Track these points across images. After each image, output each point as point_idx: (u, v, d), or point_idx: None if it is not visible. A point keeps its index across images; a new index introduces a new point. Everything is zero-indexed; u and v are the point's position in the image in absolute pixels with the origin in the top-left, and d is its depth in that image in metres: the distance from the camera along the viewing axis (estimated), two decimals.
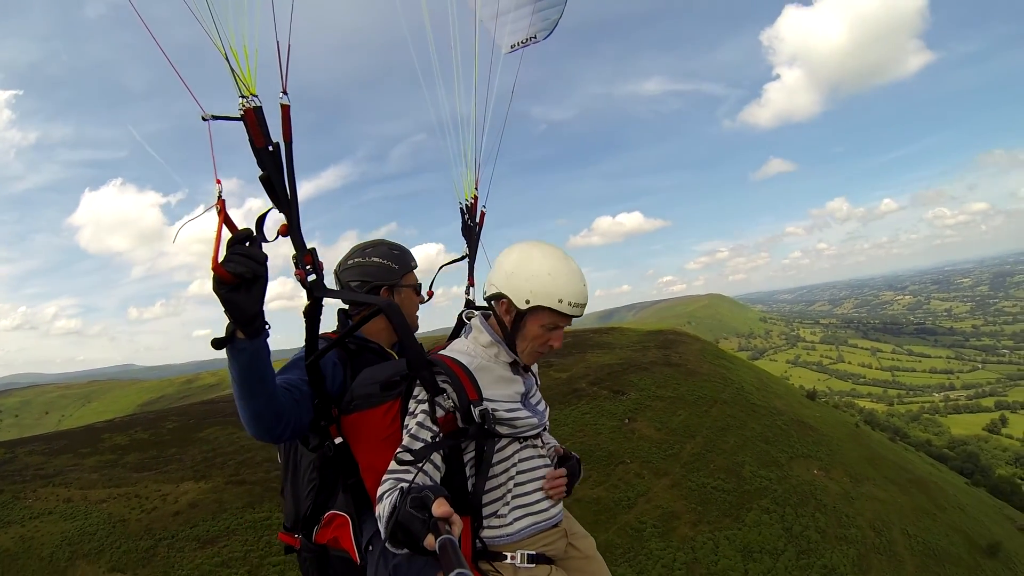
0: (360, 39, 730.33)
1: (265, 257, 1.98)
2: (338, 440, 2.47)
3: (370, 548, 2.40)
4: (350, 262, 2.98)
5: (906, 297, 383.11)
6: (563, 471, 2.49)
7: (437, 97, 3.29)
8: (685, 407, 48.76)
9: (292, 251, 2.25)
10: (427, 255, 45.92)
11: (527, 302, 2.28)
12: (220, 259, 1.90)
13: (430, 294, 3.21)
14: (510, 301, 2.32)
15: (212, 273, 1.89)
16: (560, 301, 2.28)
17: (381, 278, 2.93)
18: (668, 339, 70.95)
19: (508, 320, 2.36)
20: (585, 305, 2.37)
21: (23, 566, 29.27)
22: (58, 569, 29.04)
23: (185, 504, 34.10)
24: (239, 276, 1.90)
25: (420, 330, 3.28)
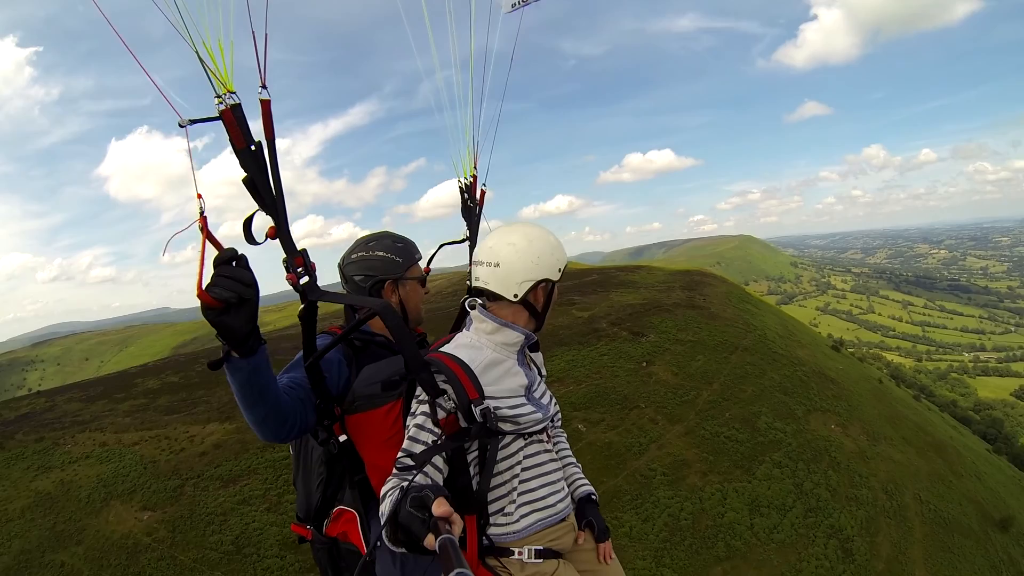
0: None
1: (252, 278, 1.92)
2: (343, 438, 2.48)
3: (379, 544, 2.19)
4: (353, 256, 2.93)
5: (941, 251, 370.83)
6: (610, 546, 2.56)
7: (431, 66, 3.21)
8: (705, 352, 48.06)
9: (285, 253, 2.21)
10: (454, 189, 43.92)
11: (559, 271, 2.41)
12: (205, 283, 1.86)
13: (427, 271, 3.14)
14: (548, 281, 2.40)
15: (198, 300, 1.84)
16: (565, 255, 2.46)
17: (385, 272, 2.88)
18: (694, 280, 69.60)
19: (543, 300, 2.44)
20: None
21: (63, 507, 31.05)
22: (94, 509, 30.76)
23: (210, 445, 35.70)
24: (225, 301, 1.86)
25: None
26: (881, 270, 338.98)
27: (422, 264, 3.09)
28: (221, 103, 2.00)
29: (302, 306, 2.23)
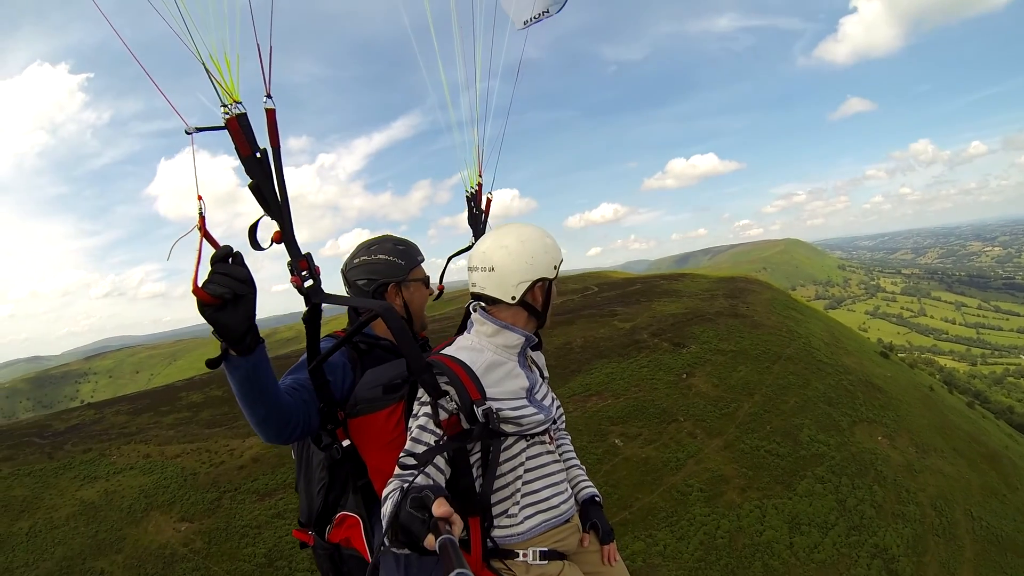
0: None
1: (248, 275, 1.97)
2: (346, 443, 2.49)
3: (383, 547, 2.30)
4: (356, 261, 2.97)
5: (995, 248, 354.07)
6: (614, 548, 2.63)
7: (437, 76, 3.27)
8: (746, 362, 47.26)
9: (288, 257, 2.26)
10: (502, 200, 46.04)
11: (555, 268, 2.47)
12: (202, 280, 1.91)
13: (440, 288, 3.22)
14: (544, 280, 2.44)
15: (194, 296, 1.88)
16: (560, 251, 2.50)
17: (387, 275, 2.92)
18: (738, 287, 68.58)
19: (541, 299, 2.47)
20: None
21: (105, 516, 32.55)
22: (135, 519, 32.12)
23: (248, 459, 36.82)
24: (220, 297, 1.91)
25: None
26: (932, 270, 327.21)
27: (435, 281, 3.17)
28: (227, 113, 2.09)
29: (306, 309, 2.30)
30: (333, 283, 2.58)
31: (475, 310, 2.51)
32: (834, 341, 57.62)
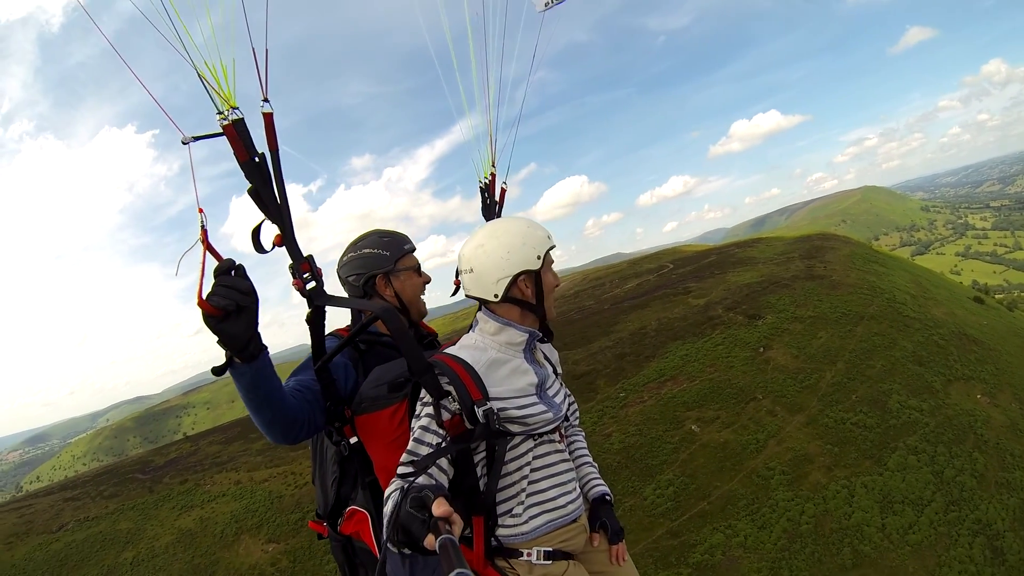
0: None
1: (250, 286, 2.02)
2: (353, 440, 2.55)
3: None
4: (345, 258, 3.03)
5: None
6: (623, 548, 2.58)
7: (448, 61, 3.31)
8: (826, 327, 45.12)
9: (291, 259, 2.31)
10: (572, 188, 42.70)
11: (538, 257, 2.38)
12: (205, 292, 1.97)
13: (457, 284, 3.06)
14: (527, 272, 2.39)
15: (199, 309, 1.94)
16: (548, 238, 2.44)
17: (375, 267, 2.95)
18: (815, 246, 65.17)
19: (530, 292, 2.42)
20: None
21: (200, 542, 34.80)
22: (227, 543, 34.18)
23: None
24: (224, 309, 1.96)
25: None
26: None
27: (451, 267, 3.18)
28: (224, 119, 2.13)
29: (309, 311, 2.40)
30: (334, 284, 2.78)
31: (480, 308, 2.52)
32: (922, 292, 54.11)
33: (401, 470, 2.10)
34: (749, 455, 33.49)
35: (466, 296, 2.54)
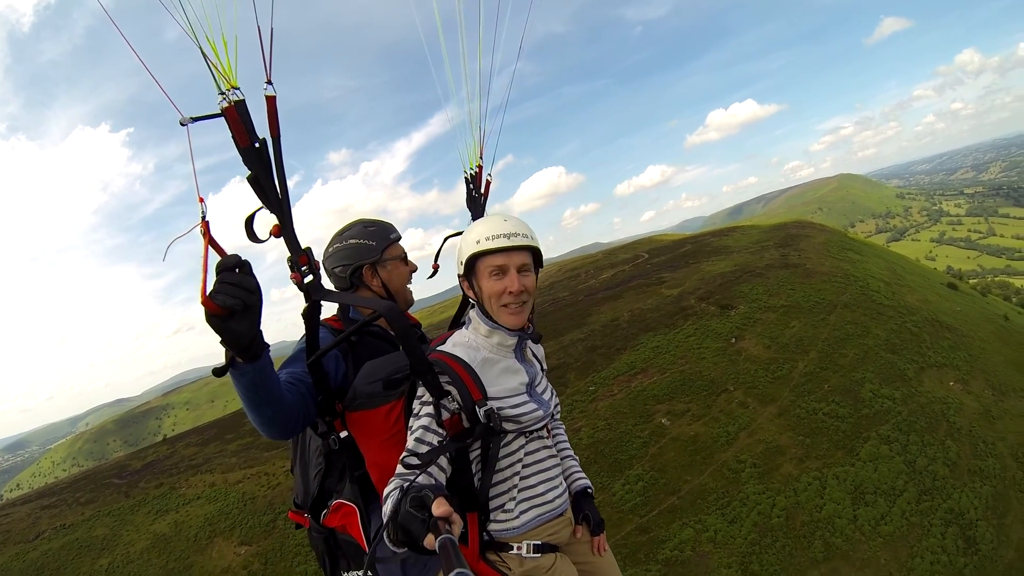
0: None
1: (257, 285, 1.92)
2: (343, 434, 2.51)
3: (380, 541, 2.14)
4: (330, 249, 2.95)
5: None
6: (604, 539, 2.61)
7: (438, 51, 3.19)
8: (800, 317, 44.53)
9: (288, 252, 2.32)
10: (550, 179, 42.55)
11: (461, 263, 2.36)
12: (208, 290, 1.86)
13: (435, 267, 3.21)
14: (461, 276, 2.41)
15: (202, 307, 1.85)
16: (478, 242, 2.30)
17: (360, 257, 2.88)
18: (790, 234, 64.85)
19: (473, 295, 2.40)
20: (512, 234, 2.29)
21: (174, 547, 34.39)
22: (201, 547, 33.75)
23: None
24: (230, 309, 1.87)
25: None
26: (997, 186, 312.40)
27: (429, 261, 3.21)
28: (224, 100, 1.99)
29: (306, 305, 2.30)
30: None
31: (471, 307, 2.48)
32: (895, 279, 53.84)
33: (400, 469, 2.06)
34: (720, 448, 32.69)
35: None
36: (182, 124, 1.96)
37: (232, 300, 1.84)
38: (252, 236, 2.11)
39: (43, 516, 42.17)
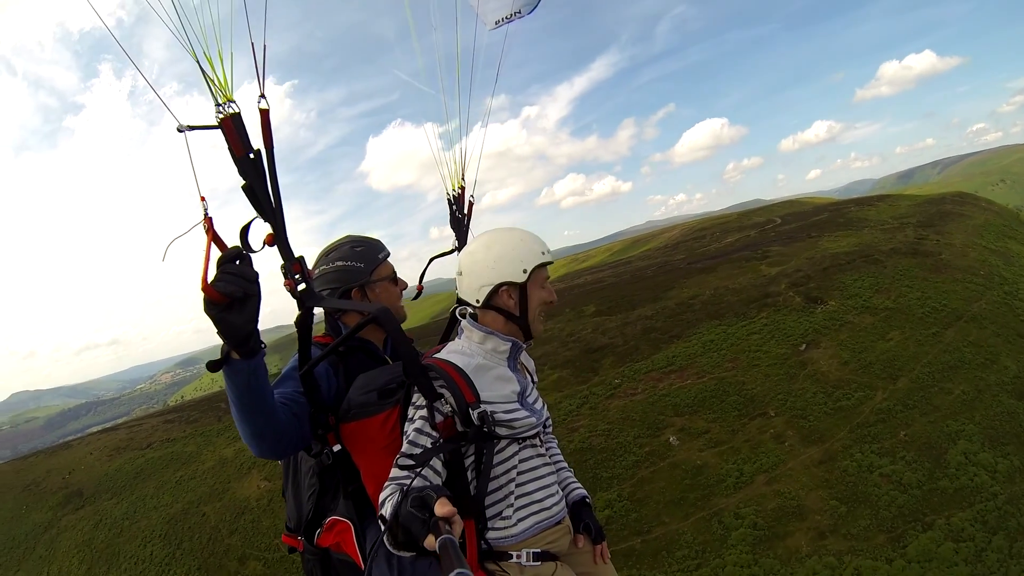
0: None
1: (256, 275, 1.97)
2: (336, 448, 2.50)
3: (376, 552, 2.34)
4: (316, 272, 2.95)
5: None
6: (606, 547, 2.67)
7: (420, 82, 3.86)
8: (904, 326, 34.06)
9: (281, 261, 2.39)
10: (712, 129, 37.63)
11: (524, 271, 2.41)
12: (209, 279, 1.90)
13: (419, 289, 3.30)
14: (510, 283, 2.42)
15: (202, 294, 1.89)
16: (543, 253, 2.46)
17: (348, 281, 2.89)
18: (942, 211, 51.02)
19: (513, 303, 2.44)
20: (548, 250, 2.52)
21: (227, 470, 37.46)
22: (241, 476, 36.27)
23: None
24: (229, 296, 1.90)
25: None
26: None
27: (414, 282, 3.27)
28: (220, 112, 2.06)
29: (299, 313, 2.32)
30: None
31: (463, 316, 2.52)
32: None
33: (395, 471, 2.08)
34: (723, 491, 25.40)
35: (457, 299, 2.55)
36: (179, 131, 1.99)
37: (232, 287, 1.87)
38: (246, 246, 2.06)
39: (160, 429, 47.81)
